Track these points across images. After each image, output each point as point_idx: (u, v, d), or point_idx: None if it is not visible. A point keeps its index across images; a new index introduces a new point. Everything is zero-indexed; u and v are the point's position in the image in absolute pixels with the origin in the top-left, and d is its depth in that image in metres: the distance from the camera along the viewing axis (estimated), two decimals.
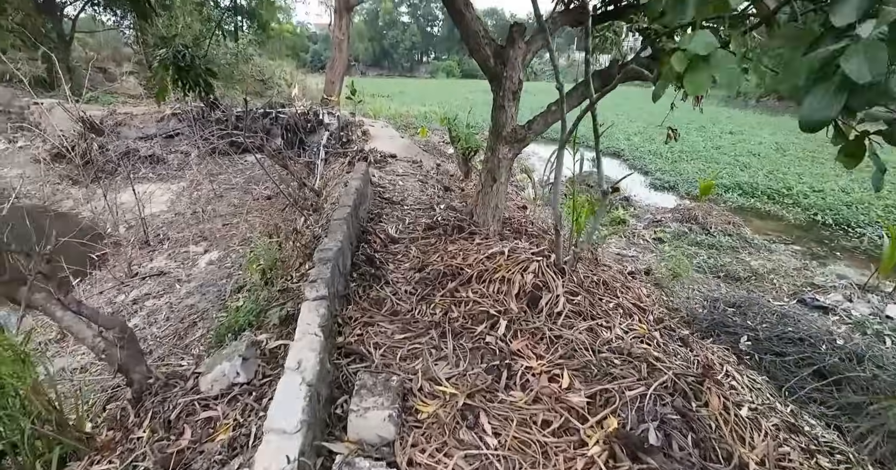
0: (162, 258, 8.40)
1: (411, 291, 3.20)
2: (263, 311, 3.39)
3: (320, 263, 2.73)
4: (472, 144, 6.89)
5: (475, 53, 3.44)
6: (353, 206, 3.99)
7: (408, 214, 4.97)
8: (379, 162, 7.17)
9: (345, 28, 12.61)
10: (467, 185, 6.93)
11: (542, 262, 3.03)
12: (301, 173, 9.95)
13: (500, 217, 3.93)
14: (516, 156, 3.85)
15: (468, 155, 7.00)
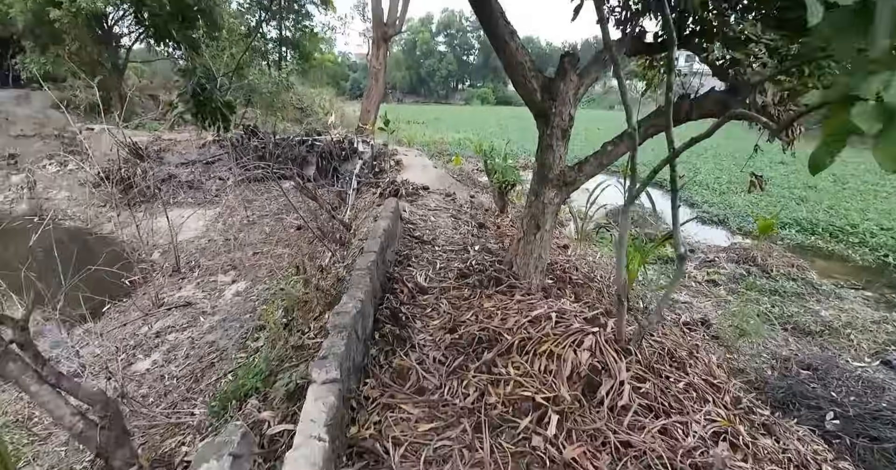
0: (190, 287, 8.25)
1: (441, 360, 2.73)
2: (273, 373, 2.99)
3: (334, 332, 2.30)
4: (509, 178, 6.45)
5: (520, 87, 3.04)
6: (379, 250, 3.59)
7: (439, 257, 4.53)
8: (411, 195, 6.82)
9: (382, 58, 12.63)
10: (503, 221, 6.47)
11: (600, 335, 2.51)
12: (333, 203, 9.76)
13: (543, 268, 3.44)
14: (564, 201, 3.38)
15: (505, 189, 6.56)
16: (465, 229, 5.58)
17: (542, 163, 3.16)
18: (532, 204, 3.26)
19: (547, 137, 3.11)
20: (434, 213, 6.12)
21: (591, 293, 4.22)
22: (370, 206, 7.20)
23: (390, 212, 4.54)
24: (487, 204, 8.51)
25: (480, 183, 11.79)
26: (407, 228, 5.32)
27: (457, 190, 8.62)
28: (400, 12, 12.05)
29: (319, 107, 26.20)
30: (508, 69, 2.99)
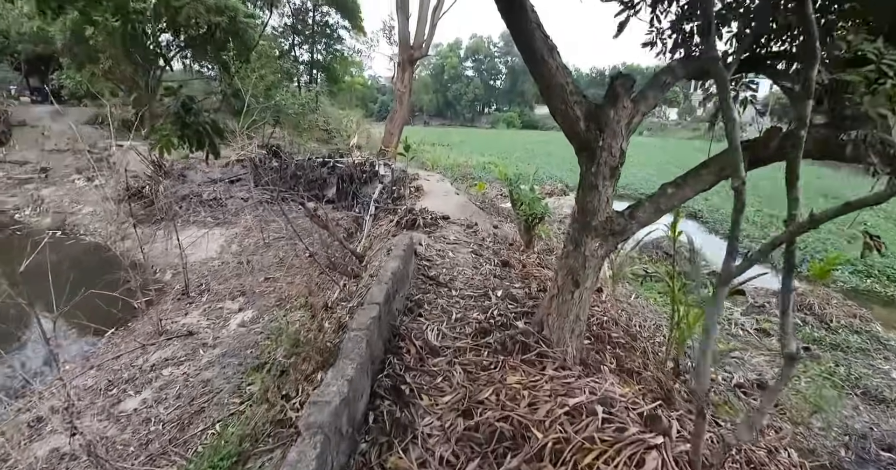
0: (196, 313, 7.81)
1: (450, 461, 2.09)
2: (244, 459, 2.40)
3: (307, 434, 1.70)
4: (536, 211, 5.83)
5: (559, 114, 2.46)
6: (384, 301, 3.01)
7: (455, 304, 3.92)
8: (429, 225, 6.26)
9: (407, 81, 12.36)
10: (529, 258, 5.83)
11: (665, 450, 1.84)
12: (349, 228, 9.31)
13: (581, 332, 2.80)
14: (610, 253, 2.76)
15: (531, 222, 5.94)
16: (486, 268, 4.96)
17: (583, 207, 2.55)
18: (570, 255, 2.64)
19: (591, 176, 2.51)
20: (453, 247, 5.53)
21: (634, 357, 3.52)
22: (386, 236, 6.68)
23: (402, 250, 3.96)
24: (512, 236, 7.89)
25: (504, 210, 11.19)
26: (422, 266, 4.73)
27: (479, 219, 8.04)
28: (427, 35, 11.80)
29: (346, 128, 26.32)
30: (546, 92, 2.42)
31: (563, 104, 2.40)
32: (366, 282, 4.89)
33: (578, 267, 2.60)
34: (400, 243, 4.23)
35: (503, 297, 4.07)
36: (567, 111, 2.42)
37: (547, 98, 2.45)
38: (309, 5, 28.14)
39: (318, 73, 30.39)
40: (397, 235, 6.14)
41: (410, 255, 4.34)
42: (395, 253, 3.89)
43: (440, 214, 6.87)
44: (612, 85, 2.46)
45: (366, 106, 42.58)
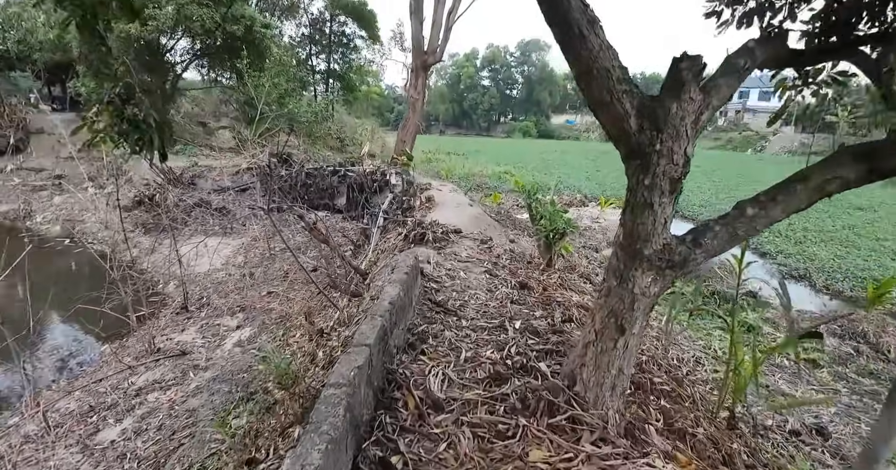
0: (192, 330, 7.33)
1: None
2: None
3: None
4: (558, 226, 5.20)
5: (602, 109, 1.83)
6: (375, 341, 2.42)
7: (466, 338, 3.30)
8: (439, 240, 5.67)
9: (420, 87, 11.87)
10: (549, 279, 5.19)
11: None
12: (357, 240, 8.78)
13: (624, 390, 2.17)
14: (665, 290, 2.13)
15: (553, 239, 5.31)
16: (502, 291, 4.33)
17: (632, 230, 1.92)
18: (612, 293, 2.00)
19: (643, 191, 1.88)
20: (465, 266, 4.92)
21: (683, 409, 2.86)
22: (393, 250, 6.10)
23: (404, 273, 3.37)
24: (530, 251, 7.25)
25: (521, 222, 10.56)
26: (428, 289, 4.13)
27: (494, 233, 7.42)
28: (441, 40, 11.32)
29: (361, 136, 26.05)
30: (584, 80, 1.80)
31: (608, 95, 1.79)
32: (365, 305, 4.31)
33: (624, 308, 1.98)
34: (402, 264, 3.65)
35: (522, 329, 3.44)
36: (612, 104, 1.80)
37: (586, 87, 1.84)
38: (327, 16, 28.12)
39: (334, 82, 30.31)
40: (403, 251, 5.57)
41: (414, 277, 3.74)
42: (395, 276, 3.30)
43: (452, 228, 6.28)
44: (674, 69, 1.85)
45: (382, 115, 42.48)
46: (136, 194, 13.96)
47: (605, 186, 19.89)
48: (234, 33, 15.45)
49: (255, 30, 16.04)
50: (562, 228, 5.21)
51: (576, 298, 4.71)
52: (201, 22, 14.39)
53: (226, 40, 15.94)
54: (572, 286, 5.28)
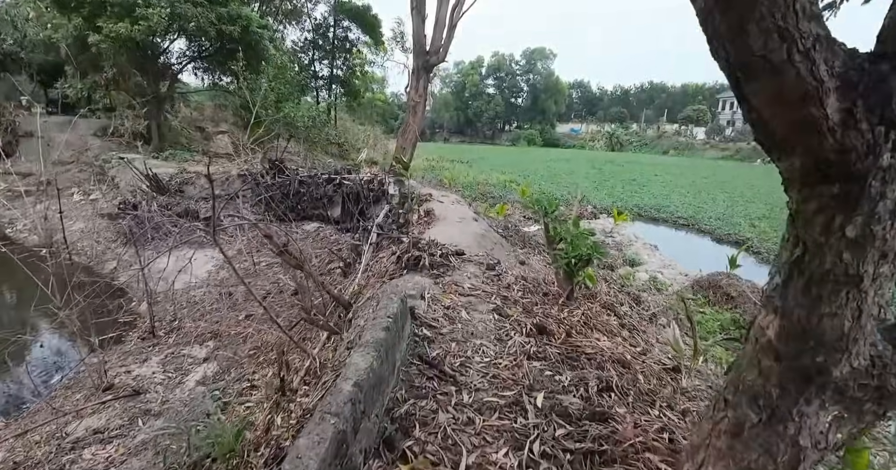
0: (155, 361, 6.35)
1: None
2: None
3: None
4: (581, 252, 4.20)
5: (763, 72, 0.84)
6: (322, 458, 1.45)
7: (468, 426, 2.31)
8: (437, 266, 4.69)
9: (422, 90, 10.94)
10: (571, 317, 4.18)
11: None
12: (348, 258, 7.80)
13: None
14: (853, 441, 1.13)
15: (575, 267, 4.31)
16: (516, 340, 3.34)
17: (804, 327, 0.91)
18: (749, 436, 0.99)
19: (843, 249, 0.86)
20: (468, 302, 3.94)
21: None
22: (383, 275, 5.12)
23: (383, 327, 2.40)
24: (544, 274, 6.25)
25: (529, 237, 9.56)
26: (419, 339, 3.15)
27: (502, 252, 6.43)
28: (444, 39, 10.41)
29: (363, 143, 25.20)
30: (743, 46, 0.81)
31: (781, 42, 0.79)
32: (340, 356, 3.33)
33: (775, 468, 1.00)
34: (384, 311, 2.66)
35: (547, 408, 2.45)
36: (789, 65, 0.80)
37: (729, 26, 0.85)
38: (330, 21, 27.46)
39: (337, 87, 29.58)
40: (395, 279, 4.59)
41: (400, 327, 2.76)
42: (368, 336, 2.31)
43: (453, 249, 5.29)
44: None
45: (386, 122, 41.71)
46: (120, 201, 13.10)
47: (615, 197, 18.91)
48: (231, 34, 14.64)
49: (252, 31, 15.24)
50: (586, 255, 4.21)
51: (605, 344, 3.72)
52: (196, 22, 13.58)
53: (222, 42, 15.15)
54: (600, 326, 4.27)
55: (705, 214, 16.25)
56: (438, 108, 65.61)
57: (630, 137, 54.28)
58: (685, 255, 11.83)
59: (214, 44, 15.67)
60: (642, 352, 4.05)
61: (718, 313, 7.62)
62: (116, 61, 13.74)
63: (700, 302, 8.08)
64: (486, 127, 65.84)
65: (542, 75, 63.02)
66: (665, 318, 7.04)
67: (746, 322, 7.12)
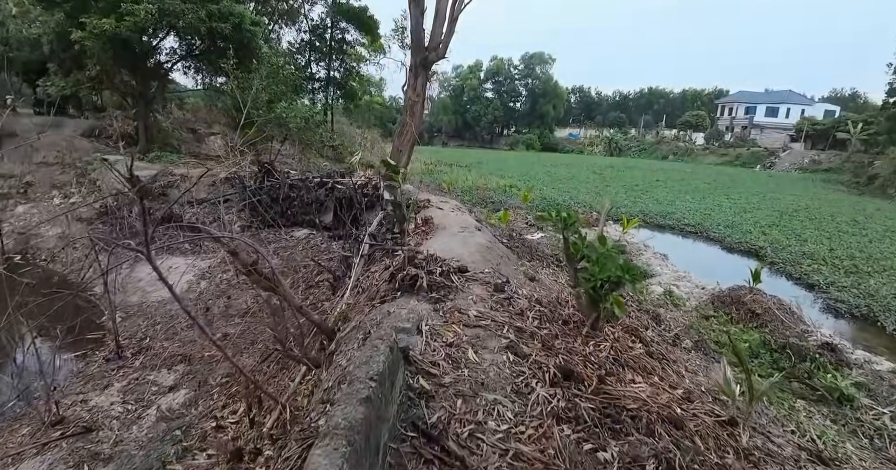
0: (116, 388, 5.58)
1: None
2: None
3: None
4: (611, 273, 3.47)
5: None
6: None
7: None
8: (436, 287, 3.95)
9: (420, 88, 10.21)
10: (599, 352, 3.46)
11: None
12: (337, 271, 7.05)
13: None
14: None
15: (603, 291, 3.57)
16: (539, 395, 2.61)
17: None
18: None
19: None
20: (475, 336, 3.19)
21: None
22: (373, 297, 4.37)
23: (361, 400, 1.64)
24: (556, 291, 5.51)
25: (534, 246, 8.83)
26: (415, 395, 2.40)
27: (509, 267, 5.70)
28: (445, 34, 9.69)
29: (360, 146, 24.49)
30: None
31: None
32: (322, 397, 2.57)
33: None
34: (364, 370, 1.91)
35: None
36: None
37: None
38: (328, 22, 26.82)
39: (334, 89, 28.90)
40: (386, 303, 3.84)
41: (385, 393, 2.01)
42: (339, 416, 1.57)
43: (454, 264, 4.56)
44: None
45: (384, 125, 41.03)
46: (100, 205, 12.33)
47: (618, 203, 18.20)
48: (222, 32, 13.92)
49: (245, 28, 14.53)
50: (616, 276, 3.47)
51: (645, 391, 3.01)
52: (185, 19, 12.86)
53: (213, 40, 14.43)
54: (632, 361, 3.55)
55: (713, 221, 15.57)
56: (437, 112, 65.00)
57: (629, 142, 53.75)
58: (697, 265, 11.12)
59: (205, 42, 14.96)
60: (685, 396, 3.32)
61: (744, 333, 6.89)
62: (100, 59, 12.97)
63: (722, 319, 7.35)
64: (484, 131, 65.21)
65: (540, 80, 62.48)
66: (688, 339, 6.31)
67: (778, 344, 6.40)
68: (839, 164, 35.86)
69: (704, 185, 25.64)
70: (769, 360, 6.14)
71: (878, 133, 34.60)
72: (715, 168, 39.16)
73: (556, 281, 6.42)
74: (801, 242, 13.03)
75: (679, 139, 51.36)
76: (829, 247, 12.69)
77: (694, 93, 68.86)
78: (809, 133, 41.81)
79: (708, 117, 54.48)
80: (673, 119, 59.08)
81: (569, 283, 4.97)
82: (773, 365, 6.06)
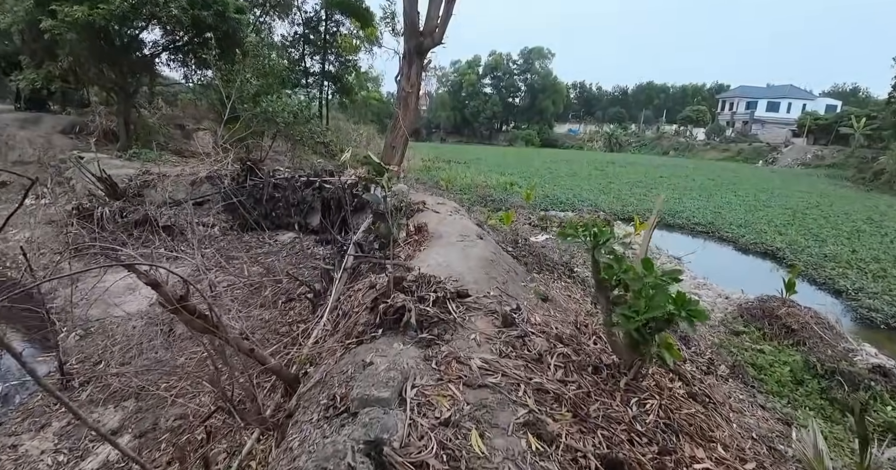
0: (52, 431, 4.66)
1: None
2: None
3: None
4: (663, 310, 2.55)
5: None
6: None
7: None
8: (428, 323, 3.02)
9: (414, 78, 9.21)
10: (645, 413, 2.55)
11: None
12: (319, 286, 6.12)
13: None
14: None
15: (648, 333, 2.64)
16: None
17: None
18: None
19: None
20: (480, 408, 2.28)
21: None
22: (351, 333, 3.45)
23: None
24: (574, 313, 4.62)
25: (541, 252, 7.90)
26: None
27: (517, 285, 4.78)
28: (441, 18, 8.69)
29: (355, 142, 23.49)
30: None
31: None
32: None
33: None
34: None
35: None
36: None
37: None
38: (322, 14, 25.74)
39: (329, 84, 27.84)
40: (364, 346, 2.92)
41: None
42: None
43: (452, 286, 3.63)
44: None
45: (381, 121, 39.95)
46: (73, 207, 11.36)
47: (623, 201, 17.28)
48: (204, 20, 12.91)
49: (229, 16, 13.51)
50: (664, 314, 2.55)
51: None
52: (164, 7, 11.84)
53: (197, 30, 13.41)
54: (690, 426, 2.63)
55: (724, 220, 14.66)
56: (435, 108, 63.82)
57: (629, 138, 52.73)
58: (714, 269, 10.22)
59: (189, 32, 13.94)
60: None
61: (781, 352, 6.00)
62: (73, 50, 11.96)
63: (754, 336, 6.45)
64: (483, 127, 64.05)
65: (539, 75, 61.27)
66: (723, 364, 5.42)
67: (825, 368, 5.50)
68: (842, 159, 34.95)
69: (709, 181, 24.71)
70: (817, 388, 5.24)
71: (882, 128, 33.71)
72: (717, 164, 38.24)
73: (570, 297, 5.50)
74: (821, 243, 12.13)
75: (679, 135, 50.35)
76: (850, 248, 11.79)
77: (694, 88, 67.72)
78: (811, 128, 40.84)
79: (709, 112, 53.43)
80: (673, 114, 57.98)
81: (600, 317, 4.07)
82: (822, 395, 5.17)
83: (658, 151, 47.35)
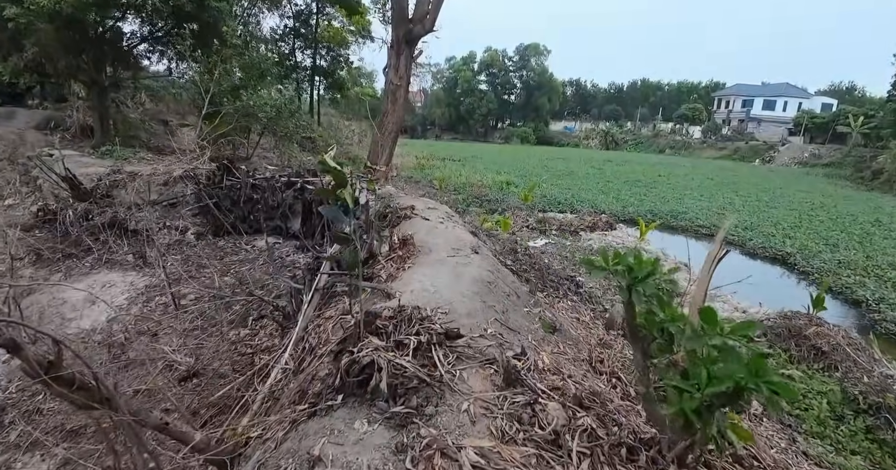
0: None
1: None
2: None
3: None
4: (735, 382, 1.78)
5: None
6: None
7: None
8: (406, 390, 2.24)
9: (403, 69, 8.37)
10: None
11: None
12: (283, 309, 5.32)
13: None
14: None
15: (706, 409, 1.88)
16: None
17: None
18: None
19: None
20: None
21: None
22: (304, 397, 2.68)
23: None
24: (586, 346, 3.87)
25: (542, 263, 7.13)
26: None
27: (518, 309, 4.02)
28: (432, 4, 7.84)
29: (346, 138, 22.62)
30: None
31: None
32: None
33: None
34: None
35: None
36: None
37: None
38: (313, 7, 24.78)
39: (320, 79, 26.91)
40: (313, 423, 2.14)
41: None
42: None
43: (440, 324, 2.86)
44: None
45: (375, 118, 38.98)
46: (38, 208, 10.47)
47: (623, 202, 16.55)
48: (183, 8, 11.99)
49: (209, 5, 12.58)
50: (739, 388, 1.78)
51: None
52: None
53: (177, 20, 12.50)
54: None
55: (729, 223, 13.95)
56: (430, 105, 62.81)
57: (625, 136, 52.06)
58: (722, 276, 9.43)
59: (168, 22, 13.01)
60: None
61: (812, 379, 5.28)
62: (39, 40, 11.03)
63: (781, 359, 5.74)
64: (478, 124, 63.11)
65: (535, 72, 60.35)
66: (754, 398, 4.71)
67: (867, 402, 4.78)
68: (840, 158, 34.44)
69: (709, 180, 24.06)
70: (861, 427, 4.52)
71: (880, 127, 33.20)
72: (714, 162, 37.64)
73: (578, 320, 4.74)
74: (832, 248, 11.46)
75: (676, 133, 49.74)
76: (863, 253, 11.12)
77: (690, 85, 67.07)
78: (808, 127, 40.31)
79: (705, 110, 52.82)
80: (669, 112, 57.33)
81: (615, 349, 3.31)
82: (867, 434, 4.45)
83: (654, 149, 46.70)
